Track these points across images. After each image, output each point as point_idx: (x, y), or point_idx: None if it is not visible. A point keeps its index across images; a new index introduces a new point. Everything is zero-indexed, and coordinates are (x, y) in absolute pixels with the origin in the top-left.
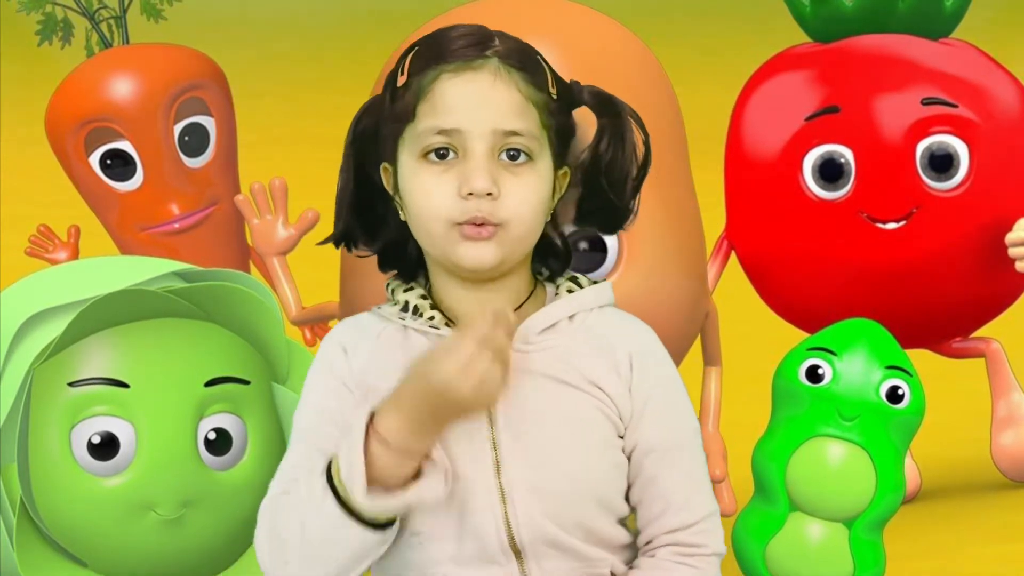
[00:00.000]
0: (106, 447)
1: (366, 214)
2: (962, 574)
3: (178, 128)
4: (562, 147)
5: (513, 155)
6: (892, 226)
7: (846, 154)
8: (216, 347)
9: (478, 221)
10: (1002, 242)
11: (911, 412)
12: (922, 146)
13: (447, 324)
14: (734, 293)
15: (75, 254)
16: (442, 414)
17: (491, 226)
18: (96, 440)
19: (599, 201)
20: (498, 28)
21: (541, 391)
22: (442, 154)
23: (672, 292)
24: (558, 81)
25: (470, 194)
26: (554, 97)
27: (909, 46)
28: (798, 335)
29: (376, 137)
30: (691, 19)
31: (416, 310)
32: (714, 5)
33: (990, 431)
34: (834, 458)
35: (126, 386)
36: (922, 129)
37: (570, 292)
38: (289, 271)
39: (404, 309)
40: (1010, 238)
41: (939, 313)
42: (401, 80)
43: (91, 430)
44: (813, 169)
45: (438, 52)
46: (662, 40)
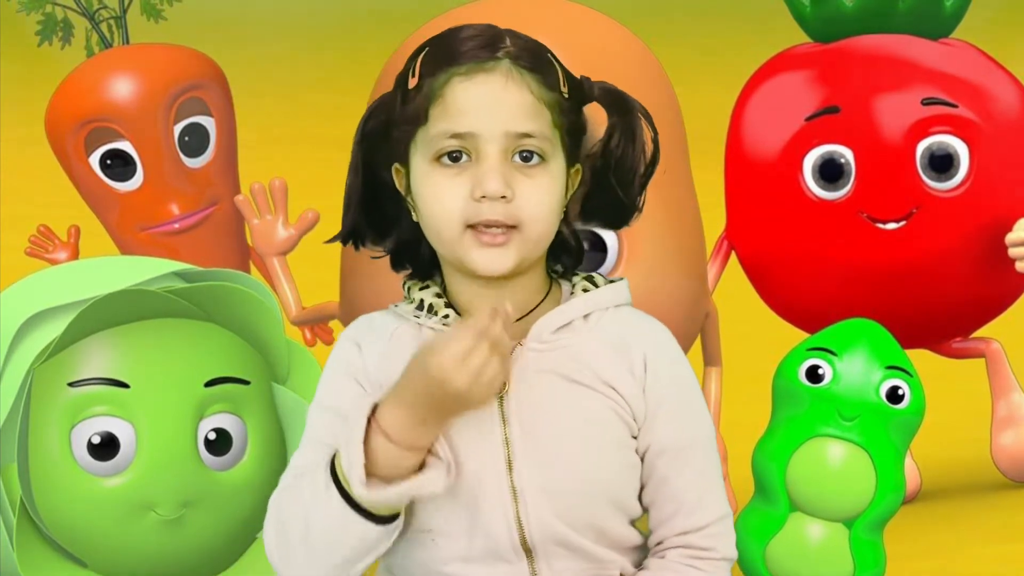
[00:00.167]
0: (106, 447)
1: (374, 213)
2: (962, 574)
3: (178, 128)
4: (574, 145)
5: (526, 156)
6: (892, 226)
7: (846, 154)
8: (216, 347)
9: (492, 223)
10: (1002, 242)
11: (911, 412)
12: (922, 146)
13: None
14: (734, 293)
15: (75, 254)
16: (441, 407)
17: (506, 230)
18: (96, 440)
19: (607, 197)
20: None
21: (555, 390)
22: (455, 157)
23: (672, 292)
24: (569, 79)
25: (483, 197)
26: (565, 96)
27: (909, 46)
28: (798, 335)
29: (386, 137)
30: (691, 19)
31: (431, 308)
32: (714, 5)
33: (990, 431)
34: (834, 458)
35: (126, 386)
36: (922, 129)
37: (585, 291)
38: (289, 271)
39: (419, 307)
40: (1010, 238)
41: (939, 313)
42: (412, 82)
43: (91, 430)
44: (813, 169)
45: (449, 54)
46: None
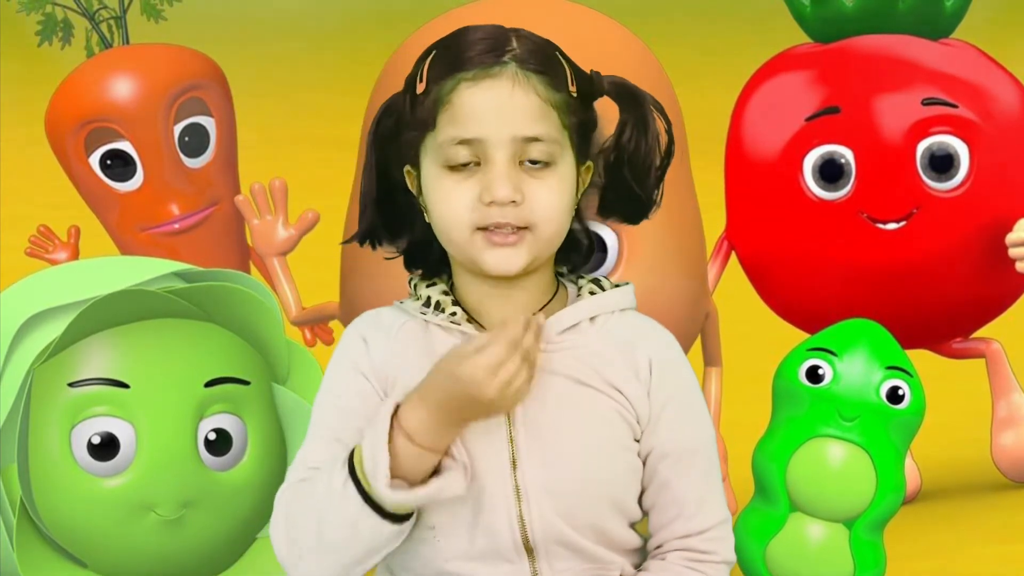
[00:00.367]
0: (106, 447)
1: (389, 213)
2: (962, 574)
3: (178, 128)
4: (584, 143)
5: (535, 160)
6: (892, 226)
7: (846, 154)
8: (216, 347)
9: (502, 226)
10: (1002, 242)
11: (911, 412)
12: (922, 146)
13: (469, 320)
14: (734, 293)
15: (75, 254)
16: (466, 412)
17: (516, 231)
18: (96, 440)
19: (622, 192)
20: None
21: (560, 391)
22: (464, 162)
23: (672, 292)
24: (578, 76)
25: (492, 202)
26: (574, 95)
27: (909, 46)
28: (798, 335)
29: (397, 140)
30: (691, 19)
31: (438, 306)
32: (714, 5)
33: (990, 431)
34: (834, 459)
35: (126, 386)
36: (922, 129)
37: (592, 294)
38: (289, 271)
39: (426, 304)
40: (1010, 238)
41: (939, 313)
42: (420, 87)
43: (91, 430)
44: (813, 169)
45: (456, 59)
46: (662, 40)
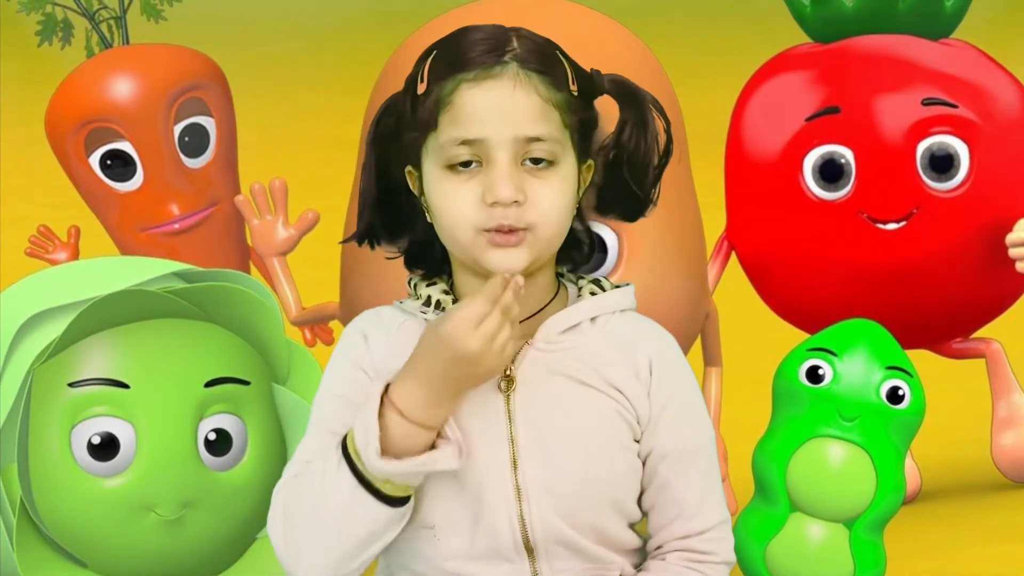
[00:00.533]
0: (106, 448)
1: (389, 213)
2: (962, 574)
3: (178, 128)
4: (585, 142)
5: (536, 160)
6: (892, 226)
7: (846, 154)
8: (216, 347)
9: (504, 228)
10: (1002, 242)
11: (911, 413)
12: (922, 146)
13: None
14: (734, 293)
15: (75, 254)
16: (454, 377)
17: (519, 231)
18: (96, 441)
19: (621, 190)
20: None
21: (561, 391)
22: (465, 163)
23: (672, 292)
24: (579, 75)
25: (495, 203)
26: (575, 94)
27: (909, 46)
28: (798, 335)
29: (398, 140)
30: (691, 19)
31: (439, 305)
32: (714, 5)
33: (990, 432)
34: (834, 459)
35: (126, 387)
36: (922, 129)
37: (593, 295)
38: (289, 271)
39: (426, 304)
40: (1010, 238)
41: (939, 314)
42: (421, 88)
43: (91, 431)
44: (813, 169)
45: (457, 59)
46: (662, 40)
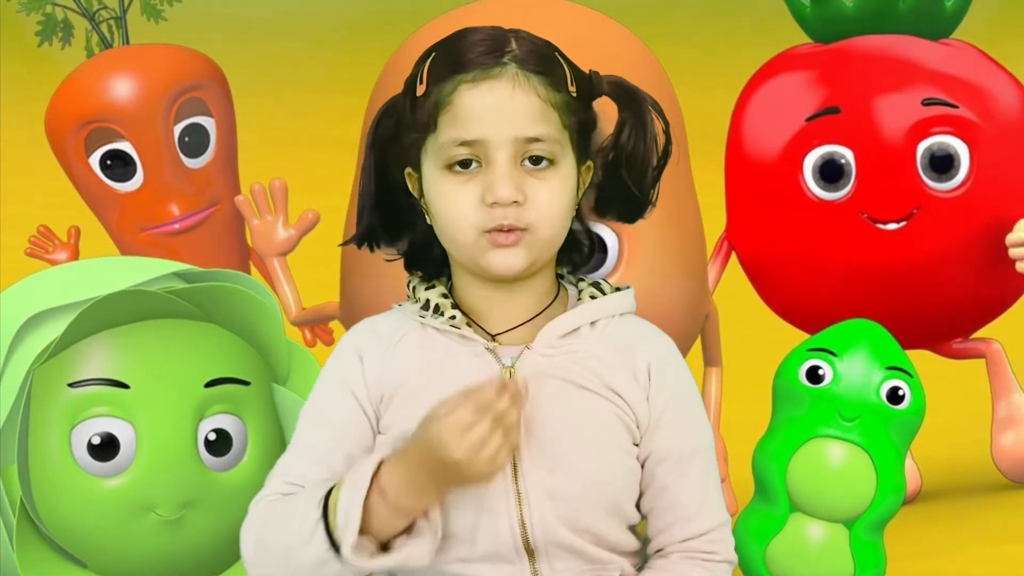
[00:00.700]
0: (106, 448)
1: (388, 215)
2: (962, 574)
3: (178, 128)
4: (584, 142)
5: (536, 160)
6: (892, 227)
7: (846, 155)
8: (216, 348)
9: (504, 228)
10: (1002, 243)
11: (911, 413)
12: (922, 147)
13: (468, 324)
14: (734, 293)
15: (75, 254)
16: (440, 476)
17: (518, 230)
18: (96, 441)
19: (619, 191)
20: None
21: (561, 395)
22: (465, 164)
23: (672, 292)
24: (577, 76)
25: (495, 203)
26: (574, 95)
27: (909, 46)
28: (798, 335)
29: (397, 142)
30: (691, 19)
31: (437, 308)
32: (714, 5)
33: (990, 432)
34: (835, 459)
35: (126, 387)
36: (922, 130)
37: (592, 298)
38: (289, 272)
39: (425, 307)
40: (1010, 239)
41: (939, 314)
42: (420, 89)
43: (91, 431)
44: (813, 170)
45: (456, 60)
46: (662, 40)
